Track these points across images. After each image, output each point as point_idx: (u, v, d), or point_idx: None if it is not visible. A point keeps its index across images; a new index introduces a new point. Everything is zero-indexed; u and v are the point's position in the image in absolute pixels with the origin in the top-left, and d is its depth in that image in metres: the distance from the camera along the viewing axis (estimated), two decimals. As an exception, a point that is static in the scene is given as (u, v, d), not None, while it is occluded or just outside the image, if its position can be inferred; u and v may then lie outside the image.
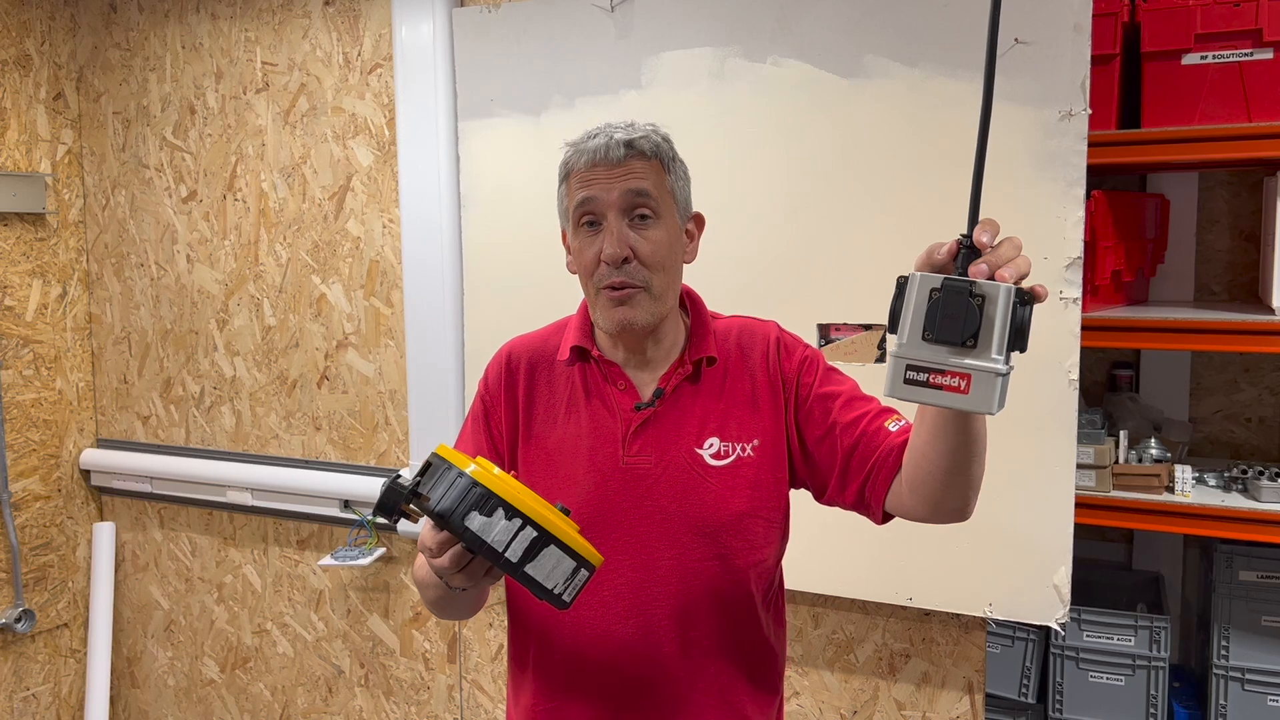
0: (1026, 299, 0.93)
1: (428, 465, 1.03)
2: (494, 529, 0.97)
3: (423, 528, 1.08)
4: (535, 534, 0.99)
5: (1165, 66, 2.12)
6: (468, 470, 1.00)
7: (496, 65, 2.24)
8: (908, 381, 0.95)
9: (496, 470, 1.01)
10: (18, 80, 2.75)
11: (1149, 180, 2.60)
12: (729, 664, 1.29)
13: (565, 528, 1.01)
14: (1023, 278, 0.93)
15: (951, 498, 1.14)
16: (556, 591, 1.01)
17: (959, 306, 0.92)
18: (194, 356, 2.79)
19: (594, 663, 1.27)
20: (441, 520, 0.99)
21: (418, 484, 1.03)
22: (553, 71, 2.18)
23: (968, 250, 0.95)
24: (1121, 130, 2.17)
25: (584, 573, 1.03)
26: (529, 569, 0.99)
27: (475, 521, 0.97)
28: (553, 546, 1.00)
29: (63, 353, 2.89)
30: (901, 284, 0.96)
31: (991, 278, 0.92)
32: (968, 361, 0.92)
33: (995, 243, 0.94)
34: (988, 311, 0.92)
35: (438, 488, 1.00)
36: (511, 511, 0.98)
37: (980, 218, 0.95)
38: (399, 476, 1.04)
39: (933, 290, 0.93)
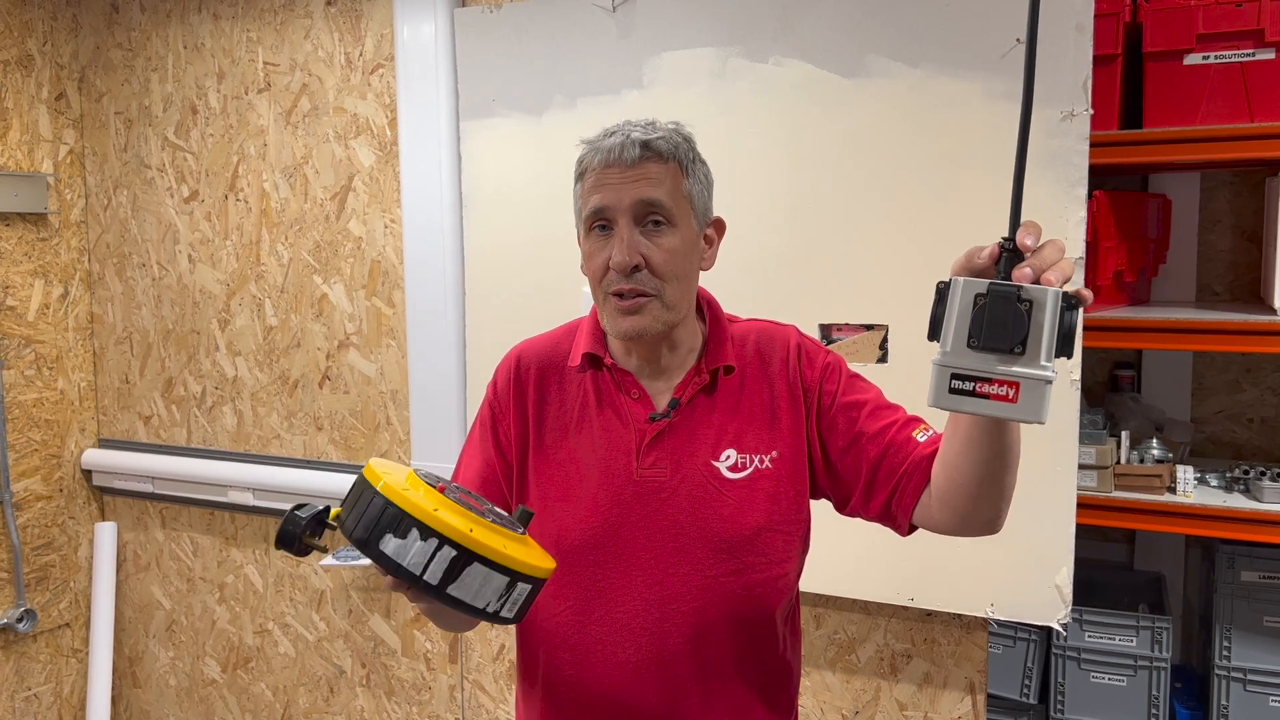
0: (1073, 303, 0.90)
1: (352, 487, 0.98)
2: (409, 551, 0.91)
3: None
4: (455, 553, 0.92)
5: (1167, 67, 2.12)
6: (393, 485, 0.94)
7: (498, 65, 2.25)
8: (953, 391, 0.91)
9: (422, 489, 0.95)
10: (20, 80, 2.75)
11: (1151, 180, 2.60)
12: (745, 685, 1.25)
13: (495, 541, 0.94)
14: (1066, 280, 0.90)
15: (983, 509, 1.11)
16: (491, 610, 0.95)
17: (1007, 312, 0.89)
18: (195, 356, 2.79)
19: (605, 684, 1.23)
20: (360, 547, 0.94)
21: (327, 511, 1.00)
22: (554, 71, 2.18)
23: (1010, 254, 0.92)
24: (1123, 130, 2.17)
25: (524, 586, 0.96)
26: (452, 590, 0.92)
27: (390, 545, 0.92)
28: (477, 564, 0.93)
29: (64, 353, 2.90)
30: (942, 290, 0.93)
31: (1037, 281, 0.89)
32: (1016, 369, 0.89)
33: (1038, 245, 0.91)
34: (1035, 317, 0.88)
35: (354, 511, 0.95)
36: (427, 531, 0.91)
37: (1021, 220, 0.92)
38: (301, 506, 1.01)
39: (978, 296, 0.90)
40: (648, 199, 1.17)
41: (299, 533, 1.00)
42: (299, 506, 1.01)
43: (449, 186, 2.32)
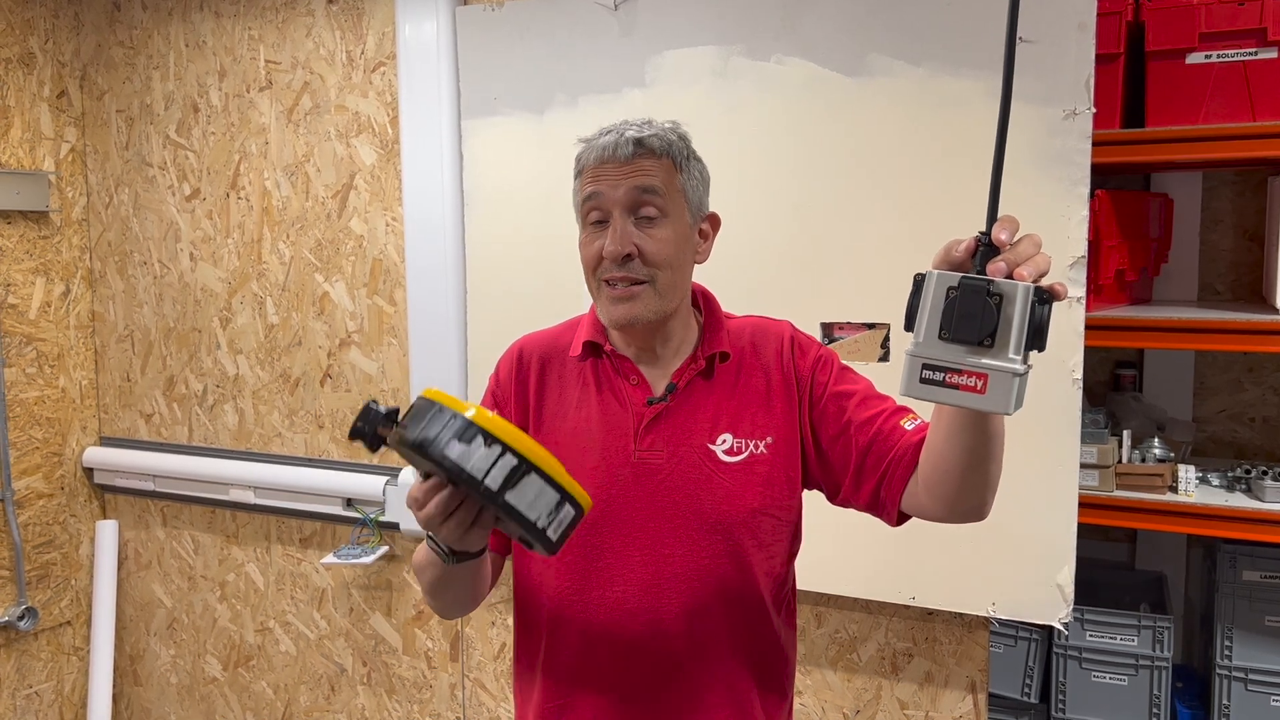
0: (1045, 298, 0.91)
1: (413, 407, 1.02)
2: (473, 456, 0.96)
3: (412, 485, 1.07)
4: (515, 461, 0.97)
5: (1169, 66, 2.12)
6: (457, 401, 0.99)
7: (500, 63, 2.24)
8: (923, 381, 0.94)
9: (491, 414, 0.99)
10: (21, 78, 2.75)
11: (1153, 180, 2.60)
12: (740, 664, 1.28)
13: (551, 461, 0.99)
14: (1041, 276, 0.92)
15: (968, 497, 1.13)
16: (540, 525, 0.99)
17: (976, 305, 0.91)
18: (197, 354, 2.79)
19: (604, 660, 1.27)
20: (420, 449, 0.97)
21: (396, 411, 1.02)
22: (556, 70, 2.18)
23: (986, 248, 0.93)
24: (1125, 129, 2.17)
25: (569, 509, 1.00)
26: (509, 497, 0.97)
27: (454, 449, 0.96)
28: (534, 475, 0.97)
29: (66, 351, 2.90)
30: (918, 281, 0.95)
31: (1010, 276, 0.91)
32: (985, 361, 0.91)
33: (1014, 240, 0.93)
34: (1005, 311, 0.91)
35: (418, 421, 0.99)
36: (491, 439, 0.96)
37: (999, 215, 0.94)
38: (375, 401, 1.04)
39: (950, 289, 0.92)
40: (642, 185, 1.21)
41: (375, 425, 1.02)
42: (374, 401, 1.04)
43: (450, 185, 2.32)
